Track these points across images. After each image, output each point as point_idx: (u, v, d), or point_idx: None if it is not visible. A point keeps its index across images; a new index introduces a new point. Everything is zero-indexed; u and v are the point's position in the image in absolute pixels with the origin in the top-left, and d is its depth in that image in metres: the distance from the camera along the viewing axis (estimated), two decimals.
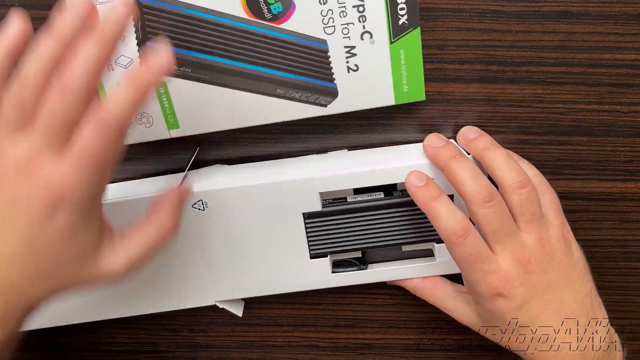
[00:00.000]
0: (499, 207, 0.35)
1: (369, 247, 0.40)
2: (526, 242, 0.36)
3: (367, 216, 0.39)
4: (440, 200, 0.36)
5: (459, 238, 0.35)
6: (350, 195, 0.40)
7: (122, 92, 0.28)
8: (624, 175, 0.42)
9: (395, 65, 0.35)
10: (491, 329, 0.38)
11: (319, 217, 0.39)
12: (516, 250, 0.35)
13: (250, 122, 0.36)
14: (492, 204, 0.35)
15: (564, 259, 0.36)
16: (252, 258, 0.40)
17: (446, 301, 0.41)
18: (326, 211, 0.39)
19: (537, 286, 0.35)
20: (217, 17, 0.34)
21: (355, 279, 0.41)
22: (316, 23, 0.34)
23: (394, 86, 0.36)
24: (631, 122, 0.40)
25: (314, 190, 0.38)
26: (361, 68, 0.35)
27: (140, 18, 0.34)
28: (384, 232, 0.39)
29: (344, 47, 0.35)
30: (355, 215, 0.39)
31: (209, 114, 0.36)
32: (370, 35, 0.34)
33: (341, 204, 0.39)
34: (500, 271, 0.35)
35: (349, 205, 0.39)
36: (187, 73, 0.35)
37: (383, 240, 0.40)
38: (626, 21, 0.37)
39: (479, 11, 0.37)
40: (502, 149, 0.37)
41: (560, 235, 0.37)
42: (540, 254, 0.36)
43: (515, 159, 0.38)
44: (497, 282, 0.35)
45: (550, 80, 0.39)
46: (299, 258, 0.40)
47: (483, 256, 0.35)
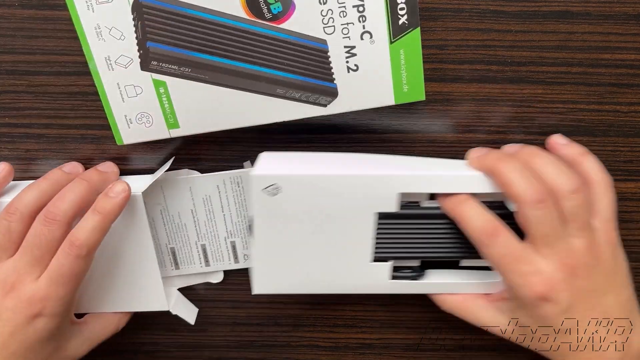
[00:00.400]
0: (550, 210, 0.34)
1: (432, 257, 0.38)
2: (576, 247, 0.35)
3: (440, 224, 0.37)
4: (467, 203, 0.35)
5: (489, 237, 0.34)
6: (424, 200, 0.38)
7: (88, 220, 0.36)
8: (624, 175, 0.42)
9: (395, 65, 0.35)
10: (526, 334, 0.37)
11: (393, 219, 0.37)
12: (565, 256, 0.34)
13: (250, 122, 0.36)
14: (544, 205, 0.33)
15: (610, 264, 0.36)
16: (312, 253, 0.38)
17: (480, 313, 0.39)
18: (402, 214, 0.37)
19: (582, 291, 0.35)
20: (217, 17, 0.34)
21: (413, 289, 0.39)
22: (316, 23, 0.34)
23: (394, 86, 0.36)
24: (631, 122, 0.40)
25: (393, 190, 0.36)
26: (361, 68, 0.35)
27: (140, 18, 0.34)
28: (451, 243, 0.38)
29: (344, 47, 0.35)
30: (428, 222, 0.37)
31: (209, 114, 0.36)
32: (370, 35, 0.34)
33: (417, 208, 0.37)
34: (543, 273, 0.34)
35: (424, 210, 0.37)
36: (187, 73, 0.35)
37: (447, 251, 0.38)
38: (626, 21, 0.37)
39: (479, 11, 0.37)
40: (549, 153, 0.36)
41: (607, 241, 0.36)
42: (587, 259, 0.35)
43: (584, 156, 0.38)
44: (541, 286, 0.34)
45: (550, 80, 0.39)
46: (360, 259, 0.38)
47: (519, 256, 0.34)
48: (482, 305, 0.39)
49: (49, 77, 0.38)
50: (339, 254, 0.38)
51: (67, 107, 0.39)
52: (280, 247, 0.38)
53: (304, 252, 0.38)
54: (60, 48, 0.37)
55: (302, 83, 0.35)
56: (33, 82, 0.38)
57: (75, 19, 0.33)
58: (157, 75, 0.35)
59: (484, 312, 0.39)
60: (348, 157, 0.39)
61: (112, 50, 0.34)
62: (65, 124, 0.40)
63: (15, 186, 0.40)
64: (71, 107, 0.39)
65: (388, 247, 0.38)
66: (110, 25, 0.34)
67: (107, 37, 0.34)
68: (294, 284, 0.39)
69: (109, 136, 0.40)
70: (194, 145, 0.41)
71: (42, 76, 0.38)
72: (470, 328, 0.39)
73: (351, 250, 0.38)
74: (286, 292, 0.39)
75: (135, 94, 0.35)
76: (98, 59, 0.34)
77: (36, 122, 0.40)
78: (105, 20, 0.34)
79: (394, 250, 0.38)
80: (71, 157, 0.41)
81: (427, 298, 0.41)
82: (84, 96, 0.39)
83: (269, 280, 0.39)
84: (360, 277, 0.39)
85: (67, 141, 0.40)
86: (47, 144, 0.40)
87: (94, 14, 0.33)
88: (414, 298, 0.43)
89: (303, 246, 0.38)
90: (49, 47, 0.37)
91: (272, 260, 0.38)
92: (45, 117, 0.39)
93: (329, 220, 0.37)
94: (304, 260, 0.38)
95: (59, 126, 0.40)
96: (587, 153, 0.38)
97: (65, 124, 0.40)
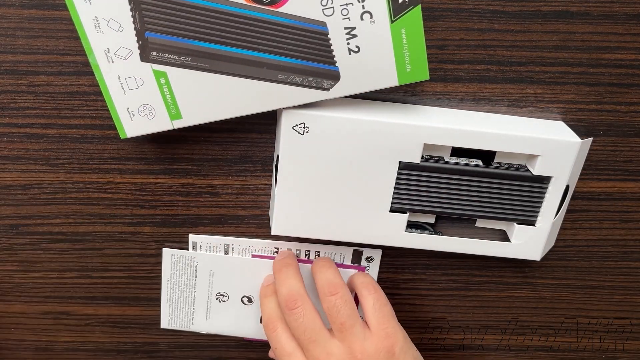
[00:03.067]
0: (305, 314, 0.36)
1: (449, 213, 0.39)
2: (334, 351, 0.35)
3: (460, 180, 0.38)
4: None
5: (269, 331, 0.38)
6: (447, 155, 0.38)
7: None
8: (624, 175, 0.42)
9: (397, 45, 0.35)
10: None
11: (414, 170, 0.37)
12: (322, 359, 0.35)
13: (253, 109, 0.36)
14: (297, 310, 0.36)
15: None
16: (332, 197, 0.38)
17: None
18: (423, 165, 0.37)
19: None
20: (215, 4, 0.33)
21: (428, 244, 0.40)
22: (314, 5, 0.33)
23: (397, 66, 0.35)
24: (631, 122, 0.40)
25: (419, 140, 0.36)
26: (362, 49, 0.35)
27: (137, 8, 0.33)
28: (469, 200, 0.38)
29: (344, 28, 0.34)
30: (449, 177, 0.38)
31: (212, 103, 0.36)
32: (370, 15, 0.34)
33: (439, 162, 0.38)
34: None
35: (446, 164, 0.38)
36: (187, 62, 0.35)
37: (465, 209, 0.39)
38: (626, 21, 0.37)
39: (478, 11, 0.37)
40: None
41: (381, 348, 0.35)
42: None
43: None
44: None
45: (550, 80, 0.39)
46: (378, 208, 0.39)
47: (285, 353, 0.37)
48: None
49: (49, 77, 0.38)
50: (358, 201, 0.38)
51: (67, 107, 0.39)
52: (302, 189, 0.38)
53: (324, 196, 0.38)
54: (61, 48, 0.37)
55: (303, 67, 0.35)
56: (33, 82, 0.38)
57: (72, 12, 0.33)
58: (158, 66, 0.35)
59: None
60: (386, 105, 0.39)
61: (111, 42, 0.34)
62: (66, 124, 0.40)
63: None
64: (71, 107, 0.39)
65: (405, 198, 0.38)
66: (108, 17, 0.33)
67: (105, 29, 0.34)
68: (312, 228, 0.40)
69: (110, 136, 0.40)
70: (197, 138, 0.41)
71: (43, 76, 0.38)
72: (471, 328, 0.39)
73: (370, 198, 0.38)
74: (303, 235, 0.40)
75: (137, 86, 0.35)
76: (97, 52, 0.34)
77: (36, 122, 0.40)
78: (103, 11, 0.33)
79: (412, 202, 0.38)
80: (71, 157, 0.41)
81: (426, 298, 0.41)
82: (84, 96, 0.39)
83: (288, 222, 0.40)
84: (377, 227, 0.39)
85: (67, 141, 0.40)
86: (47, 144, 0.40)
87: (91, 6, 0.33)
88: (414, 298, 0.43)
89: (324, 190, 0.38)
90: (49, 47, 0.37)
91: (292, 202, 0.39)
92: (45, 117, 0.39)
93: (352, 165, 0.37)
94: (324, 204, 0.39)
95: (59, 126, 0.40)
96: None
97: (66, 124, 0.40)
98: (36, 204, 0.42)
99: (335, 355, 0.35)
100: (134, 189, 0.42)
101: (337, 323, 0.36)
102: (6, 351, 0.48)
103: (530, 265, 0.45)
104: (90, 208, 0.43)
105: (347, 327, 0.35)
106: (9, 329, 0.47)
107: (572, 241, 0.44)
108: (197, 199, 0.43)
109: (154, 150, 0.41)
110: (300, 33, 0.34)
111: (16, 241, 0.44)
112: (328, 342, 0.36)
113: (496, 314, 0.47)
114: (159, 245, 0.44)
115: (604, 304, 0.46)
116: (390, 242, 0.40)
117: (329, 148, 0.37)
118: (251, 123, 0.40)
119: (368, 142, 0.37)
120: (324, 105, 0.37)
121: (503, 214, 0.39)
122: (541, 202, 0.38)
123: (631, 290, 0.46)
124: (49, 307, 0.46)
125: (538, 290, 0.46)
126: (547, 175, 0.38)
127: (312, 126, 0.36)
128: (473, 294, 0.46)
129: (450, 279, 0.46)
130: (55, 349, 0.48)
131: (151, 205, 0.43)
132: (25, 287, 0.45)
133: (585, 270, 0.46)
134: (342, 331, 0.36)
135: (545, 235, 0.39)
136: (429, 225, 0.41)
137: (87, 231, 0.43)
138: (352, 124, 0.36)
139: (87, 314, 0.47)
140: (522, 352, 0.39)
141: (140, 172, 0.42)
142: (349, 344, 0.35)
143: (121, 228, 0.43)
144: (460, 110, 0.39)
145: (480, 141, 0.36)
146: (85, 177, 0.41)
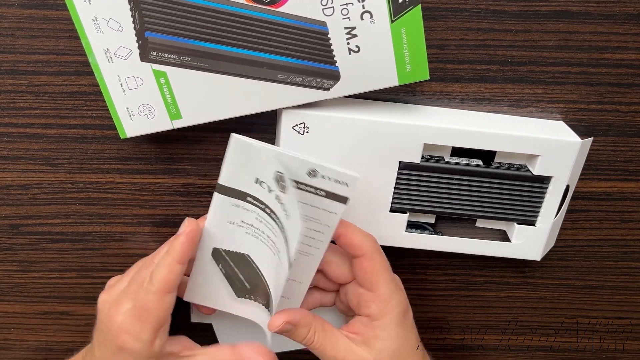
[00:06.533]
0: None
1: (449, 213, 0.39)
2: None
3: (460, 180, 0.38)
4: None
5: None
6: (447, 155, 0.38)
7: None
8: (624, 175, 0.42)
9: (397, 45, 0.35)
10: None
11: (414, 170, 0.38)
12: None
13: (253, 109, 0.36)
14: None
15: None
16: None
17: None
18: (423, 165, 0.37)
19: None
20: (215, 4, 0.33)
21: (428, 244, 0.40)
22: (314, 5, 0.33)
23: (397, 66, 0.35)
24: (631, 122, 0.40)
25: (418, 140, 0.36)
26: (362, 49, 0.35)
27: (137, 8, 0.33)
28: (469, 201, 0.38)
29: (344, 28, 0.34)
30: (449, 177, 0.38)
31: (211, 103, 0.36)
32: (370, 15, 0.34)
33: (439, 162, 0.38)
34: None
35: (446, 164, 0.38)
36: (187, 62, 0.35)
37: (464, 208, 0.39)
38: (626, 21, 0.37)
39: (478, 11, 0.37)
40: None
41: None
42: None
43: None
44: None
45: (550, 80, 0.39)
46: (378, 208, 0.39)
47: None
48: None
49: (48, 77, 0.38)
50: (359, 201, 0.38)
51: (67, 107, 0.39)
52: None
53: None
54: (60, 48, 0.37)
55: (303, 67, 0.35)
56: (33, 82, 0.38)
57: (72, 12, 0.33)
58: (157, 66, 0.35)
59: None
60: (386, 105, 0.39)
61: (111, 42, 0.34)
62: (65, 124, 0.40)
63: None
64: (71, 107, 0.39)
65: (406, 198, 0.38)
66: (108, 17, 0.33)
67: (105, 29, 0.34)
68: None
69: (109, 136, 0.40)
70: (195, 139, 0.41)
71: (42, 76, 0.38)
72: (471, 328, 0.39)
73: (370, 197, 0.38)
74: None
75: (136, 86, 0.35)
76: (97, 52, 0.34)
77: (36, 122, 0.40)
78: (103, 11, 0.33)
79: (412, 202, 0.39)
80: (71, 157, 0.41)
81: (426, 298, 0.41)
82: (84, 96, 0.39)
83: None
84: (377, 227, 0.39)
85: (66, 141, 0.40)
86: (47, 143, 0.40)
87: (91, 6, 0.33)
88: (414, 298, 0.43)
89: None
90: (49, 46, 0.37)
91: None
92: (45, 117, 0.39)
93: (352, 165, 0.37)
94: None
95: (58, 126, 0.40)
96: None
97: (65, 124, 0.40)
98: (36, 204, 0.42)
99: None
100: (134, 189, 0.42)
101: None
102: (6, 351, 0.48)
103: (531, 265, 0.45)
104: (90, 208, 0.43)
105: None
106: (9, 329, 0.47)
107: (573, 241, 0.44)
108: (197, 199, 0.42)
109: (154, 150, 0.41)
110: (300, 33, 0.34)
111: (16, 241, 0.44)
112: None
113: (496, 314, 0.47)
114: (159, 245, 0.44)
115: (604, 304, 0.46)
116: (390, 242, 0.40)
117: (329, 148, 0.37)
118: (251, 123, 0.40)
119: (368, 142, 0.37)
120: (324, 105, 0.37)
121: (503, 214, 0.39)
122: (541, 202, 0.38)
123: (631, 290, 0.46)
124: (49, 307, 0.46)
125: (538, 290, 0.46)
126: (548, 175, 0.38)
127: (312, 126, 0.36)
128: (473, 294, 0.46)
129: (450, 279, 0.46)
130: (55, 349, 0.48)
131: (151, 205, 0.43)
132: (25, 287, 0.45)
133: (585, 270, 0.46)
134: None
135: (546, 235, 0.39)
136: (429, 225, 0.41)
137: (87, 231, 0.43)
138: (352, 123, 0.36)
139: (87, 314, 0.47)
140: (522, 352, 0.39)
141: (140, 172, 0.41)
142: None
143: (121, 228, 0.43)
144: (460, 110, 0.39)
145: (480, 141, 0.36)
146: (85, 177, 0.41)
